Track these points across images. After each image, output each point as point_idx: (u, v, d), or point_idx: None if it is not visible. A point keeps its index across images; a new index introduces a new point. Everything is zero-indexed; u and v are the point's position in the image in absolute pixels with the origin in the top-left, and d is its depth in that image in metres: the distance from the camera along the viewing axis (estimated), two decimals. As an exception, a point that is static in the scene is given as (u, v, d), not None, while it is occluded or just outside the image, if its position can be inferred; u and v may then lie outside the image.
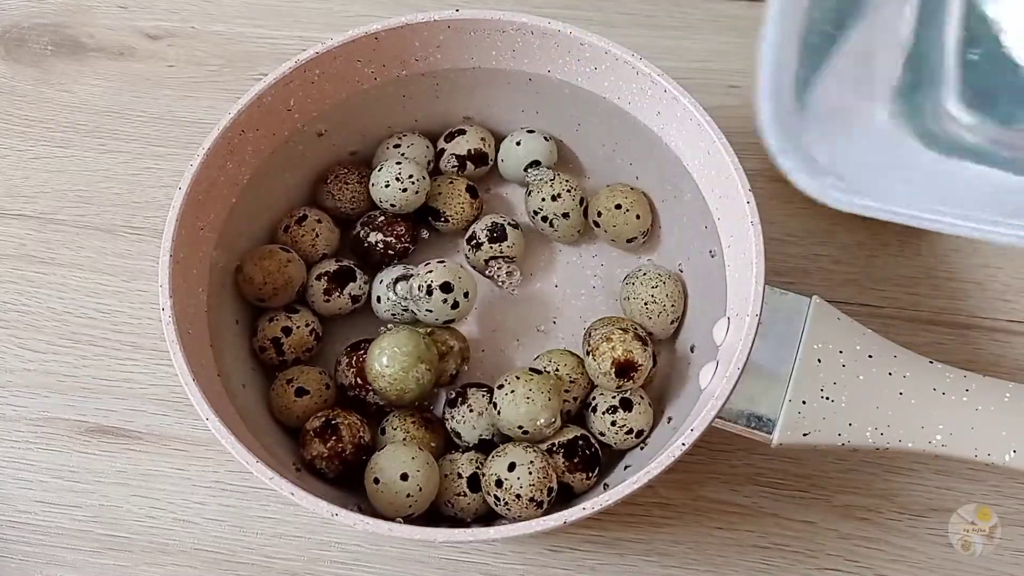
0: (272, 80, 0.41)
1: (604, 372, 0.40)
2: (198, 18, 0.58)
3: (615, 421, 0.41)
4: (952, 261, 0.49)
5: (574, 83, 0.44)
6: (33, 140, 0.54)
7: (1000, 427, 0.38)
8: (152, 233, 0.51)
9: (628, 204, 0.45)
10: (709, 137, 0.39)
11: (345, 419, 0.41)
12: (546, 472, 0.39)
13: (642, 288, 0.44)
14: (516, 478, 0.38)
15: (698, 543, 0.44)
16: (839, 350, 0.40)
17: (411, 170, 0.44)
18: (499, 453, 0.39)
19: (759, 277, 0.37)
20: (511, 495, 0.38)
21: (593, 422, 0.41)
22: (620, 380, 0.40)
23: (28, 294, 0.50)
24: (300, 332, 0.43)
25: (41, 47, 0.57)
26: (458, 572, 0.44)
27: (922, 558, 0.43)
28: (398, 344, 0.40)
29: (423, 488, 0.38)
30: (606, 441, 0.41)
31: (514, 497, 0.38)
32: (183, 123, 0.54)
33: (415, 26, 0.42)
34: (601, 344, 0.41)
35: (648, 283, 0.44)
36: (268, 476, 0.34)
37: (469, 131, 0.47)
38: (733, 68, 0.55)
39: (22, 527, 0.45)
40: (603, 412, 0.41)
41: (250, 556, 0.44)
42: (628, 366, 0.40)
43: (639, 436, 0.41)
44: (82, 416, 0.47)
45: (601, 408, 0.41)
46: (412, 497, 0.38)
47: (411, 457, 0.39)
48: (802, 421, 0.38)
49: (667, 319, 0.43)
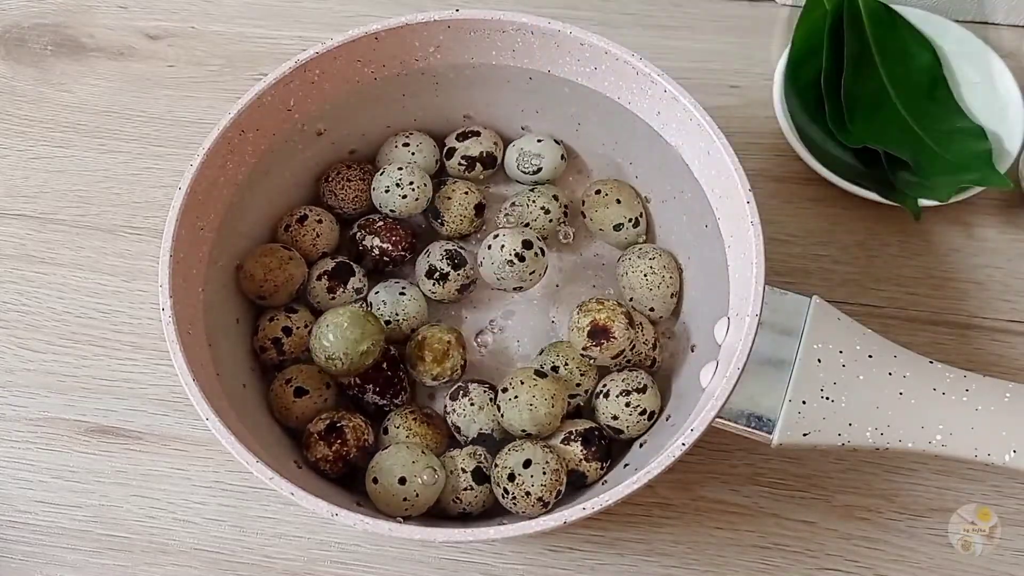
0: (272, 80, 0.41)
1: (580, 327, 0.41)
2: (198, 18, 0.58)
3: (629, 402, 0.41)
4: (952, 261, 0.49)
5: (574, 82, 0.44)
6: (33, 140, 0.54)
7: (1000, 427, 0.38)
8: (152, 233, 0.51)
9: (607, 190, 0.46)
10: (709, 137, 0.39)
11: (349, 421, 0.41)
12: (558, 476, 0.39)
13: (640, 261, 0.44)
14: (529, 476, 0.38)
15: (698, 543, 0.44)
16: (839, 350, 0.40)
17: (412, 176, 0.44)
18: (516, 448, 0.39)
19: (759, 277, 0.37)
20: (521, 491, 0.38)
21: (606, 407, 0.41)
22: (589, 341, 0.40)
23: (28, 294, 0.50)
24: (300, 332, 0.43)
25: (41, 47, 0.57)
26: (458, 572, 0.44)
27: (922, 558, 0.43)
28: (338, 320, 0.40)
29: (420, 494, 0.38)
30: (618, 426, 0.41)
31: (524, 494, 0.38)
32: (183, 123, 0.54)
33: (415, 26, 0.42)
34: (591, 304, 0.41)
35: (645, 255, 0.44)
36: (268, 476, 0.34)
37: (483, 133, 0.47)
38: (733, 68, 0.55)
39: (22, 527, 0.45)
40: (616, 395, 0.41)
41: (250, 556, 0.44)
42: (603, 331, 0.40)
43: (651, 418, 0.41)
44: (82, 416, 0.47)
45: (614, 392, 0.41)
46: (408, 501, 0.38)
47: (411, 461, 0.39)
48: (802, 421, 0.38)
49: (667, 291, 0.44)
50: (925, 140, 0.50)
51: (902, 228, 0.50)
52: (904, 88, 0.51)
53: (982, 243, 0.50)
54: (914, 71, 0.52)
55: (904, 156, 0.48)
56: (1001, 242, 0.50)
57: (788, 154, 0.51)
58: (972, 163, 0.48)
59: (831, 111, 0.50)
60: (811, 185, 0.51)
